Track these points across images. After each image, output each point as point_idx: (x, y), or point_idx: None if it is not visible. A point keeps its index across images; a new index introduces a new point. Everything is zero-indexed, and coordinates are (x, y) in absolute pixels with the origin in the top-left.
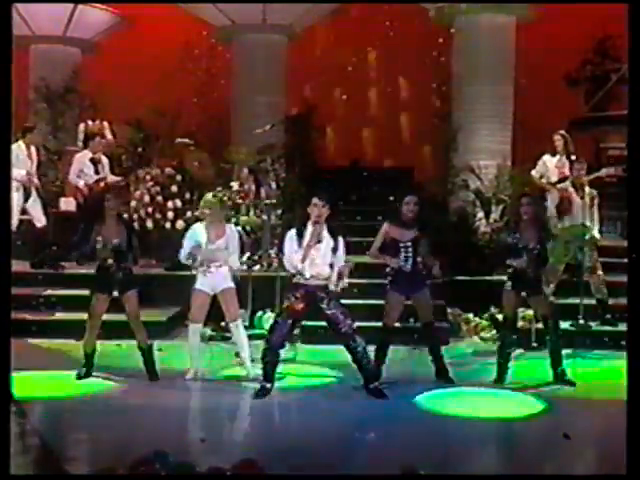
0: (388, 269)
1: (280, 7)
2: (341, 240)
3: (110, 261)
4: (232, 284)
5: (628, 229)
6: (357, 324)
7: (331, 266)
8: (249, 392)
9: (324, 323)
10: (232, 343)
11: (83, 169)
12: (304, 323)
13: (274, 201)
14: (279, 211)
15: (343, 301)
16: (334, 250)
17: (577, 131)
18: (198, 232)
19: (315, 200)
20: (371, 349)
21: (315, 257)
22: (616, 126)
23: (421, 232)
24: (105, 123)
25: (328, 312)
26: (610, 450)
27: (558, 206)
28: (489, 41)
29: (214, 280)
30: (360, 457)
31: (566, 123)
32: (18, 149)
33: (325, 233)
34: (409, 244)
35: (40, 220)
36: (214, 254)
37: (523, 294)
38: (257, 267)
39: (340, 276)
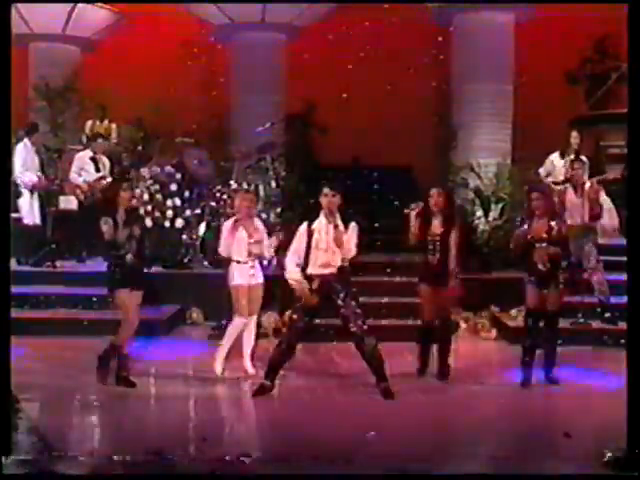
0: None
1: (279, 6)
2: (353, 225)
3: (129, 255)
4: (262, 280)
5: (628, 228)
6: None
7: None
8: (247, 389)
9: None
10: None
11: (84, 167)
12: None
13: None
14: (278, 209)
15: None
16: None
17: (577, 129)
18: (237, 228)
19: (325, 190)
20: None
21: (329, 245)
22: (616, 124)
23: (449, 225)
24: (113, 125)
25: (342, 310)
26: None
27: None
28: (488, 39)
29: (251, 273)
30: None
31: (566, 121)
32: (25, 149)
33: (339, 221)
34: (437, 237)
35: (32, 217)
36: (252, 248)
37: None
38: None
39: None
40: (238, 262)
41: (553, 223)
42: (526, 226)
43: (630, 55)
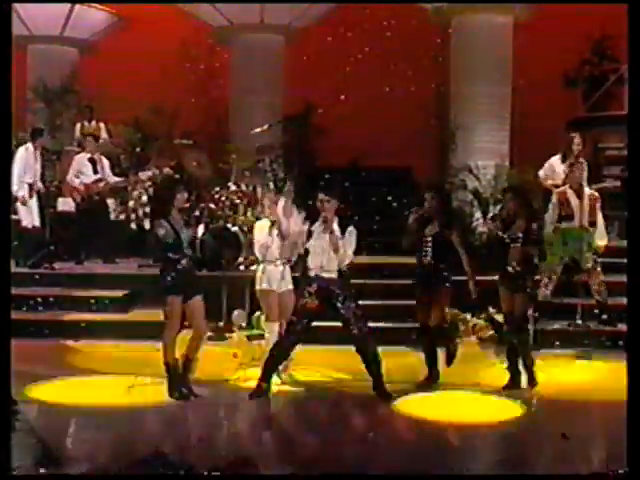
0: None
1: (278, 7)
2: (350, 230)
3: (185, 259)
4: (292, 286)
5: (628, 229)
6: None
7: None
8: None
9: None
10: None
11: (82, 169)
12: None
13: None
14: None
15: None
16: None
17: (575, 131)
18: (267, 228)
19: (321, 196)
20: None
21: (325, 249)
22: (614, 126)
23: (442, 228)
24: (101, 124)
25: (342, 312)
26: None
27: (555, 207)
28: (487, 41)
29: (280, 277)
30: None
31: (564, 123)
32: (26, 152)
33: (335, 226)
34: (429, 239)
35: (30, 220)
36: (284, 250)
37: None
38: (254, 267)
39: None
40: (268, 264)
41: (532, 224)
42: (491, 223)
43: (630, 55)
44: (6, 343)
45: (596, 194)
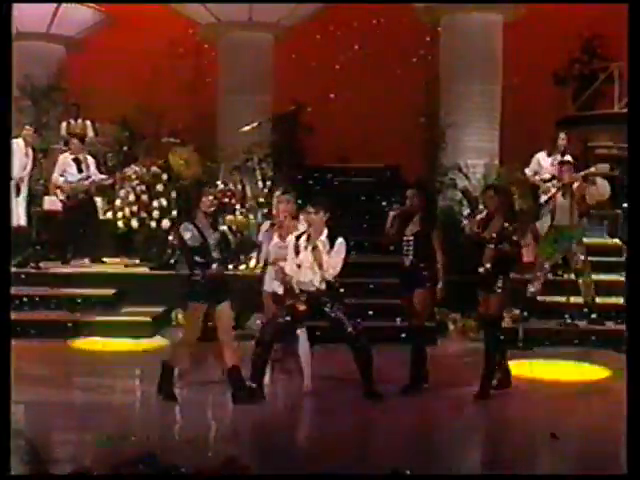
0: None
1: (266, 5)
2: (339, 242)
3: (215, 264)
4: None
5: (628, 229)
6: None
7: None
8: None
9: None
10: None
11: (66, 169)
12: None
13: (261, 200)
14: (265, 210)
15: None
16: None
17: (564, 130)
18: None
19: (308, 207)
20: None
21: (309, 264)
22: (604, 125)
23: (422, 227)
24: (87, 122)
25: (332, 315)
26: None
27: (546, 207)
28: (476, 40)
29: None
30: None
31: (553, 122)
32: (17, 147)
33: (323, 238)
34: (410, 238)
35: (14, 218)
36: (281, 252)
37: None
38: (242, 267)
39: None
40: (268, 266)
41: (507, 224)
42: (467, 222)
43: (630, 55)
44: (6, 343)
45: (583, 184)
